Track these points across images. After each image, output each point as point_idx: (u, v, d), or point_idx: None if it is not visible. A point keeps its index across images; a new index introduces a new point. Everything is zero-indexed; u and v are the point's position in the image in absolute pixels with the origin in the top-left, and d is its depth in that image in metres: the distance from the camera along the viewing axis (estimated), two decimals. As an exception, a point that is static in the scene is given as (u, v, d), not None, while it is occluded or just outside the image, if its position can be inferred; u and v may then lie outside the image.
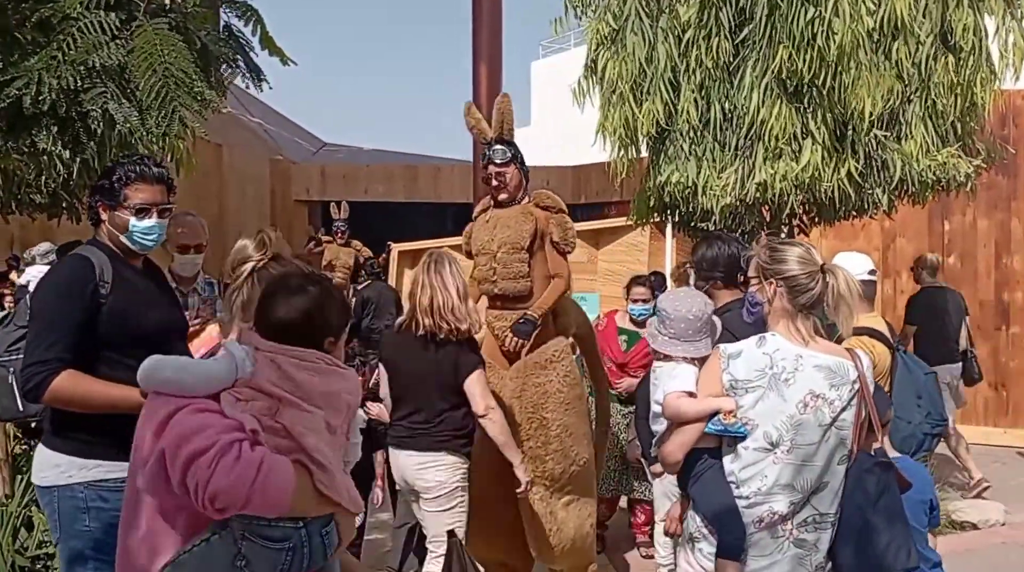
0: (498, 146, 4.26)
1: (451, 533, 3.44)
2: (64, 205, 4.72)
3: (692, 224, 5.65)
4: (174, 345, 2.67)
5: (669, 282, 6.86)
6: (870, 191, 5.21)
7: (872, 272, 3.72)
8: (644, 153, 5.63)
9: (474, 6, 8.52)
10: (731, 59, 5.09)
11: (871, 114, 4.85)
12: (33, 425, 3.85)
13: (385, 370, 3.92)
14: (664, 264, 9.17)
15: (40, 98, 3.29)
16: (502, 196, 4.27)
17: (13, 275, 8.53)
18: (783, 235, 5.73)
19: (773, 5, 4.81)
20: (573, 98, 5.80)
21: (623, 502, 5.54)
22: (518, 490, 3.73)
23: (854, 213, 5.48)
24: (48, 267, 4.89)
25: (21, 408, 2.89)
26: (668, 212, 5.72)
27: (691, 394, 2.65)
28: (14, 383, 2.91)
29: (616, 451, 5.11)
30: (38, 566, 3.94)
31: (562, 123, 19.81)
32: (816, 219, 5.62)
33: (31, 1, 3.30)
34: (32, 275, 7.17)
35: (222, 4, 4.36)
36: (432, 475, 3.68)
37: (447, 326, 3.63)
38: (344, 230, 9.48)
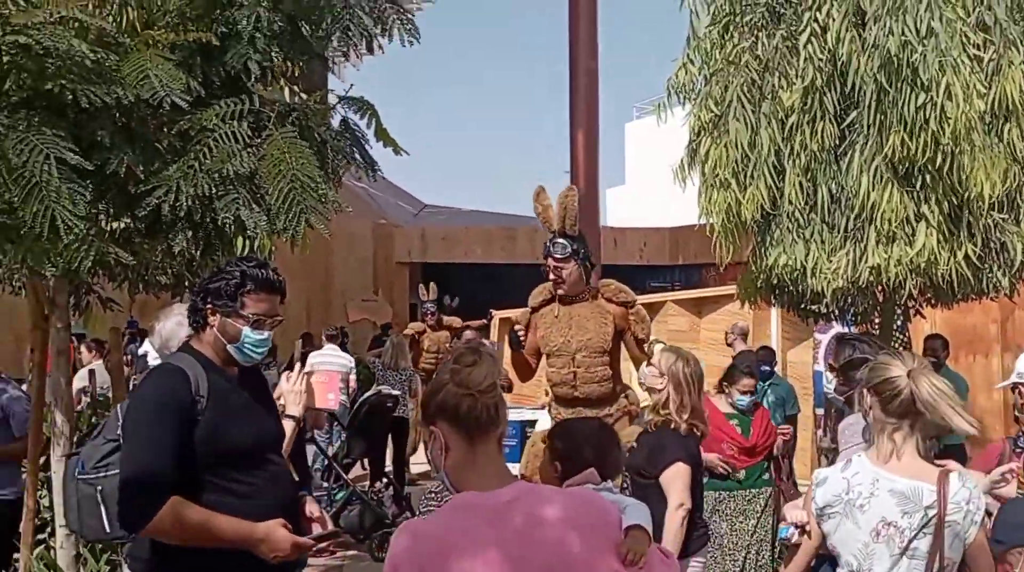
0: (560, 240, 4.23)
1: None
2: (187, 284, 5.00)
3: (803, 306, 5.58)
4: (268, 459, 2.52)
5: (779, 356, 6.73)
6: (989, 274, 5.07)
7: None
8: (749, 234, 5.63)
9: (571, 74, 8.71)
10: (837, 143, 5.07)
11: (990, 196, 4.75)
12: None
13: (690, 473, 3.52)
14: (770, 335, 8.98)
15: (177, 205, 3.48)
16: (560, 291, 4.26)
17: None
18: (897, 314, 5.61)
19: (882, 90, 4.78)
20: (674, 177, 5.87)
21: None
22: None
23: (973, 296, 5.32)
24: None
25: (108, 529, 2.64)
26: (776, 293, 5.66)
27: None
28: (101, 501, 2.61)
29: (749, 540, 4.92)
30: None
31: (656, 183, 19.83)
32: (932, 301, 5.47)
33: (168, 109, 3.53)
34: (151, 346, 7.32)
35: (340, 101, 4.60)
36: None
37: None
38: (433, 311, 9.12)
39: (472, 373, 1.75)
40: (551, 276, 4.30)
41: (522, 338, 4.43)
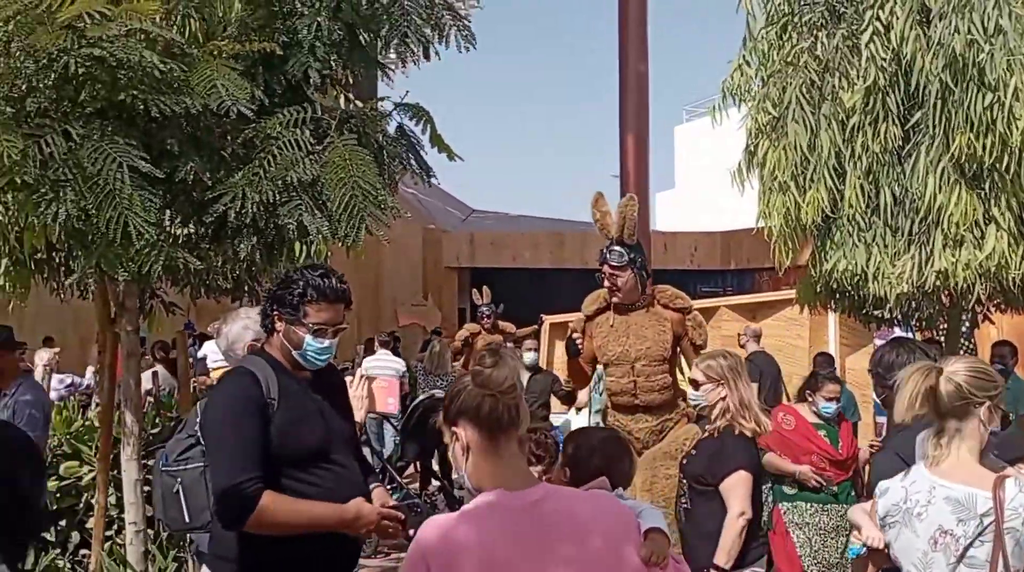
0: (617, 247, 4.21)
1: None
2: (246, 288, 5.08)
3: (864, 311, 5.46)
4: (335, 460, 2.55)
5: (838, 362, 6.59)
6: (1064, 277, 4.89)
7: None
8: (808, 238, 5.54)
9: (621, 77, 8.67)
10: (900, 144, 4.96)
11: (1062, 198, 4.61)
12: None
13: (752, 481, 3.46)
14: (827, 341, 8.82)
15: (243, 211, 3.54)
16: (615, 298, 4.24)
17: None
18: (963, 320, 5.46)
19: (947, 90, 4.66)
20: (731, 180, 5.80)
21: None
22: None
23: (1046, 301, 5.16)
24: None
25: (188, 519, 2.75)
26: (836, 298, 5.55)
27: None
28: (181, 492, 2.74)
29: (839, 559, 4.69)
30: None
31: (706, 187, 19.64)
32: (1002, 306, 5.31)
33: (233, 118, 3.59)
34: (210, 349, 7.21)
35: (396, 107, 4.64)
36: None
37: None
38: (489, 314, 9.04)
39: (493, 374, 1.78)
40: (606, 283, 4.28)
41: (580, 344, 4.43)
